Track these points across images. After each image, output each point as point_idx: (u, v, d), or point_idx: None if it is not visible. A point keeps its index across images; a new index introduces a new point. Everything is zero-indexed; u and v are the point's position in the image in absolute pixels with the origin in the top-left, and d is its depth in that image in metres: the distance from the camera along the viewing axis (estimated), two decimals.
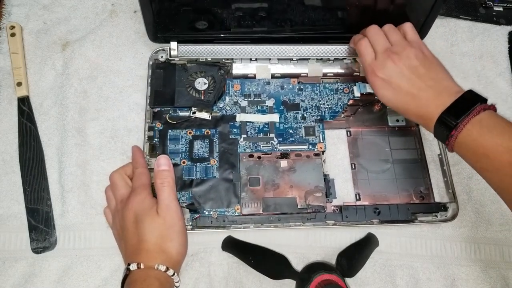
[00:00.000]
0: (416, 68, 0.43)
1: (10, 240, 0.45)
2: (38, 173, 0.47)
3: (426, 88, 0.41)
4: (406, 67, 0.43)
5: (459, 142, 0.39)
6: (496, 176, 0.37)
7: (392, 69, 0.43)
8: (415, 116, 0.42)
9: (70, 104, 0.50)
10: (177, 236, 0.40)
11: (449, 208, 0.47)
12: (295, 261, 0.45)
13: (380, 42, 0.45)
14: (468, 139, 0.38)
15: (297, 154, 0.48)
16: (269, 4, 0.47)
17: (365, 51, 0.45)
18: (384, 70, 0.43)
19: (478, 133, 0.38)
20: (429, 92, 0.41)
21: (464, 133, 0.38)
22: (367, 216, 0.46)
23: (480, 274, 0.46)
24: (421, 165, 0.49)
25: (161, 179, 0.42)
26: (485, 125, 0.38)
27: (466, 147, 0.38)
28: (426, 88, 0.41)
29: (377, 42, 0.45)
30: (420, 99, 0.41)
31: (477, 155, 0.38)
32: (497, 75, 0.55)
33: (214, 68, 0.50)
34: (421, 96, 0.41)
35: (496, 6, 0.58)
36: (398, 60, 0.43)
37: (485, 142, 0.37)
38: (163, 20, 0.48)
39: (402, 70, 0.43)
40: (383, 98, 0.44)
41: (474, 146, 0.38)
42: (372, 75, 0.44)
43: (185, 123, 0.48)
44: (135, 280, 0.37)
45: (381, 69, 0.43)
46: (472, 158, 0.39)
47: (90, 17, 0.55)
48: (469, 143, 0.38)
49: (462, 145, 0.39)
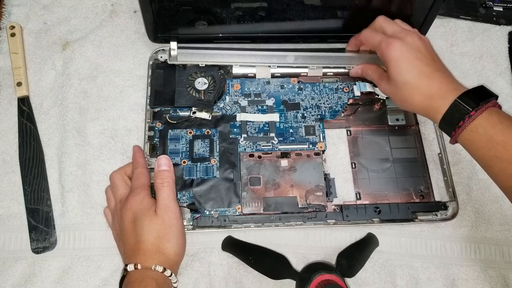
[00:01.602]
0: (431, 53, 0.42)
1: (10, 240, 0.45)
2: (38, 173, 0.47)
3: (441, 72, 0.41)
4: (423, 46, 0.42)
5: (476, 125, 0.38)
6: (510, 166, 0.36)
7: (411, 44, 0.42)
8: (424, 96, 0.41)
9: (70, 104, 0.50)
10: (175, 237, 0.40)
11: (449, 207, 0.47)
12: (295, 261, 0.45)
13: (392, 25, 0.44)
14: (487, 123, 0.37)
15: (297, 153, 0.48)
16: (268, 3, 0.47)
17: (374, 34, 0.44)
18: (402, 43, 0.42)
19: (498, 120, 0.37)
20: (443, 75, 0.41)
21: (485, 116, 0.37)
22: (367, 215, 0.46)
23: (480, 274, 0.46)
24: (421, 164, 0.49)
25: (161, 179, 0.42)
26: (503, 115, 0.38)
27: (484, 131, 0.37)
28: (441, 72, 0.41)
29: (388, 25, 0.44)
30: (435, 80, 0.40)
31: (494, 141, 0.37)
32: (497, 75, 0.55)
33: (214, 68, 0.50)
34: (436, 76, 0.41)
35: (496, 6, 0.58)
36: (418, 39, 0.42)
37: (505, 130, 0.36)
38: (163, 20, 0.49)
39: (420, 48, 0.42)
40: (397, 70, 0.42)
41: (493, 132, 0.37)
42: (389, 46, 0.42)
43: (185, 123, 0.48)
44: (132, 281, 0.37)
45: (399, 41, 0.42)
46: (486, 145, 0.37)
47: (90, 17, 0.55)
48: (488, 128, 0.37)
49: (479, 128, 0.37)
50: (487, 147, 0.37)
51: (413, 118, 0.51)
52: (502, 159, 0.37)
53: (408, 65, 0.41)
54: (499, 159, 0.37)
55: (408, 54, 0.41)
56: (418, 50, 0.42)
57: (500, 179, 0.38)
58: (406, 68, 0.41)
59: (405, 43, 0.42)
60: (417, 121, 0.51)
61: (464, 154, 0.50)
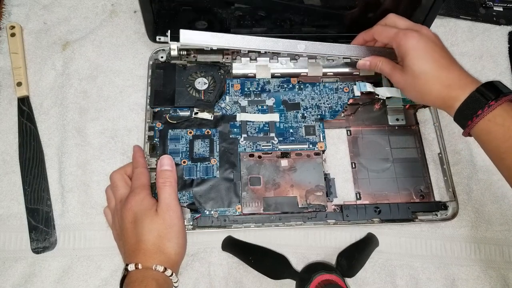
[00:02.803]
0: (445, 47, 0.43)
1: (10, 240, 0.45)
2: (38, 173, 0.47)
3: (457, 65, 0.42)
4: (438, 40, 0.43)
5: (495, 115, 0.37)
6: None
7: (428, 36, 0.42)
8: (442, 86, 0.40)
9: (70, 104, 0.50)
10: (176, 237, 0.40)
11: (449, 207, 0.47)
12: (295, 261, 0.45)
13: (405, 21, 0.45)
14: (506, 113, 0.37)
15: (297, 153, 0.48)
16: (268, 4, 0.47)
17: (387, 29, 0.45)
18: (420, 34, 0.42)
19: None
20: (459, 68, 0.41)
21: (504, 107, 0.37)
22: (367, 215, 0.46)
23: (480, 274, 0.46)
24: (421, 164, 0.49)
25: (163, 179, 0.42)
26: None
27: (503, 121, 0.37)
28: (456, 64, 0.42)
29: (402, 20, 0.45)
30: (453, 71, 0.41)
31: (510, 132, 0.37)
32: (497, 75, 0.55)
33: (214, 68, 0.50)
34: (453, 68, 0.41)
35: (496, 6, 0.58)
36: (432, 33, 0.43)
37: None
38: (163, 20, 0.49)
39: (436, 41, 0.42)
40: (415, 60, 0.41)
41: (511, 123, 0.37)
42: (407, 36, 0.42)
43: (185, 123, 0.48)
44: (133, 281, 0.37)
45: (417, 32, 0.42)
46: (504, 136, 0.37)
47: (90, 17, 0.55)
48: (507, 118, 0.37)
49: (497, 119, 0.37)
50: (503, 137, 0.37)
51: (413, 118, 0.51)
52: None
53: (426, 54, 0.41)
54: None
55: (426, 45, 0.42)
56: (434, 42, 0.42)
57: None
58: (425, 58, 0.41)
59: (422, 34, 0.42)
60: (417, 121, 0.51)
61: (464, 154, 0.50)
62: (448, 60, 0.41)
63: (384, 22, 0.46)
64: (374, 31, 0.46)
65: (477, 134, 0.39)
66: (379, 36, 0.46)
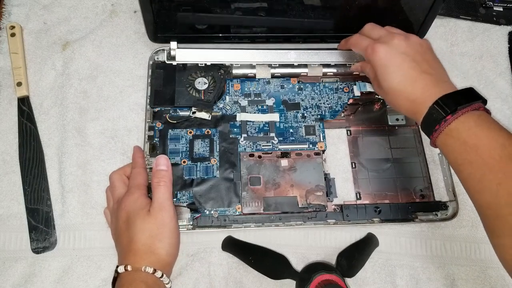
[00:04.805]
0: (420, 54, 0.42)
1: (10, 240, 0.45)
2: (38, 173, 0.47)
3: (426, 74, 0.40)
4: (410, 48, 0.41)
5: (451, 129, 0.37)
6: (479, 170, 0.35)
7: (397, 47, 0.41)
8: (408, 101, 0.40)
9: (70, 104, 0.50)
10: (168, 237, 0.39)
11: (449, 206, 0.47)
12: (295, 261, 0.45)
13: (379, 30, 0.44)
14: (462, 127, 0.37)
15: (297, 153, 0.48)
16: (268, 4, 0.47)
17: (361, 40, 0.44)
18: (387, 47, 0.41)
19: (475, 124, 0.36)
20: (428, 78, 0.40)
21: (461, 120, 0.37)
22: (367, 215, 0.46)
23: (480, 274, 0.46)
24: (421, 164, 0.49)
25: (158, 178, 0.41)
26: (484, 119, 0.37)
27: (458, 135, 0.37)
28: (427, 74, 0.40)
29: (375, 30, 0.44)
30: (418, 84, 0.40)
31: (467, 145, 0.36)
32: (497, 75, 0.55)
33: (214, 68, 0.50)
34: (421, 79, 0.40)
35: (496, 6, 0.58)
36: (404, 41, 0.42)
37: (480, 133, 0.36)
38: (163, 20, 0.49)
39: (406, 51, 0.41)
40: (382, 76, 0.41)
41: (467, 135, 0.36)
42: (374, 51, 0.42)
43: (185, 123, 0.48)
44: (122, 284, 0.37)
45: (384, 46, 0.41)
46: (459, 149, 0.37)
47: (90, 17, 0.55)
48: (462, 132, 0.36)
49: (453, 132, 0.37)
50: (459, 150, 0.37)
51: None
52: (472, 163, 0.36)
53: (393, 69, 0.41)
54: (469, 163, 0.36)
55: (393, 59, 0.41)
56: (403, 53, 0.41)
57: (469, 183, 0.37)
58: (390, 73, 0.41)
59: (390, 47, 0.41)
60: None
61: None
62: (417, 71, 0.40)
63: (362, 32, 0.46)
64: (350, 42, 0.46)
65: (439, 146, 0.39)
66: (354, 47, 0.46)
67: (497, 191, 0.34)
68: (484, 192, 0.35)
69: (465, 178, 0.37)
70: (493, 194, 0.34)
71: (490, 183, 0.35)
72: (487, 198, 0.35)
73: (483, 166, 0.35)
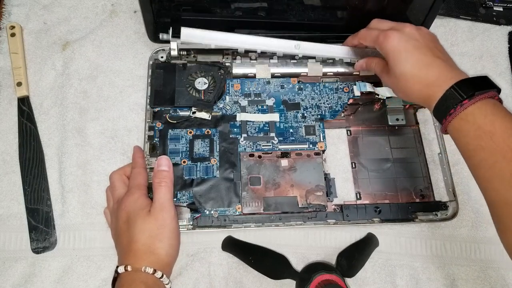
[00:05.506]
0: (432, 42, 0.42)
1: (10, 240, 0.45)
2: (38, 173, 0.47)
3: (440, 60, 0.40)
4: (422, 36, 0.42)
5: (467, 113, 0.37)
6: (492, 157, 0.35)
7: (409, 34, 0.42)
8: (422, 85, 0.40)
9: (70, 104, 0.50)
10: (168, 237, 0.39)
11: (449, 206, 0.47)
12: (295, 261, 0.45)
13: (388, 23, 0.45)
14: (478, 112, 0.37)
15: (297, 153, 0.48)
16: (268, 4, 0.47)
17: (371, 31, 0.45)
18: (400, 33, 0.42)
19: (491, 111, 0.36)
20: (443, 63, 0.40)
21: (477, 106, 0.37)
22: (367, 215, 0.46)
23: (480, 274, 0.46)
24: (421, 164, 0.49)
25: (159, 179, 0.41)
26: (499, 107, 0.37)
27: (473, 120, 0.36)
28: (440, 59, 0.40)
29: (384, 23, 0.45)
30: (432, 69, 0.40)
31: (481, 130, 0.36)
32: (497, 75, 0.55)
33: (214, 68, 0.50)
34: (435, 65, 0.40)
35: (496, 6, 0.58)
36: (415, 29, 0.42)
37: (495, 121, 0.36)
38: (163, 20, 0.49)
39: (418, 38, 0.42)
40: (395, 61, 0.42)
41: (482, 122, 0.36)
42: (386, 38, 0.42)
43: (185, 123, 0.48)
44: (122, 284, 0.37)
45: (397, 32, 0.42)
46: (473, 134, 0.37)
47: (90, 17, 0.55)
48: (478, 118, 0.36)
49: (469, 117, 0.37)
50: (473, 136, 0.37)
51: (413, 118, 0.51)
52: (485, 148, 0.36)
53: (406, 54, 0.41)
54: (482, 149, 0.36)
55: (406, 44, 0.41)
56: (416, 39, 0.42)
57: (479, 170, 0.37)
58: (404, 58, 0.41)
59: (403, 33, 0.42)
60: (417, 121, 0.51)
61: None
62: (430, 58, 0.41)
63: (369, 26, 0.46)
64: (359, 36, 0.46)
65: (451, 131, 0.39)
66: (364, 40, 0.46)
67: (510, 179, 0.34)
68: (494, 179, 0.36)
69: (476, 165, 0.37)
70: (505, 182, 0.35)
71: (502, 171, 0.35)
72: (496, 185, 0.35)
73: (497, 153, 0.35)
